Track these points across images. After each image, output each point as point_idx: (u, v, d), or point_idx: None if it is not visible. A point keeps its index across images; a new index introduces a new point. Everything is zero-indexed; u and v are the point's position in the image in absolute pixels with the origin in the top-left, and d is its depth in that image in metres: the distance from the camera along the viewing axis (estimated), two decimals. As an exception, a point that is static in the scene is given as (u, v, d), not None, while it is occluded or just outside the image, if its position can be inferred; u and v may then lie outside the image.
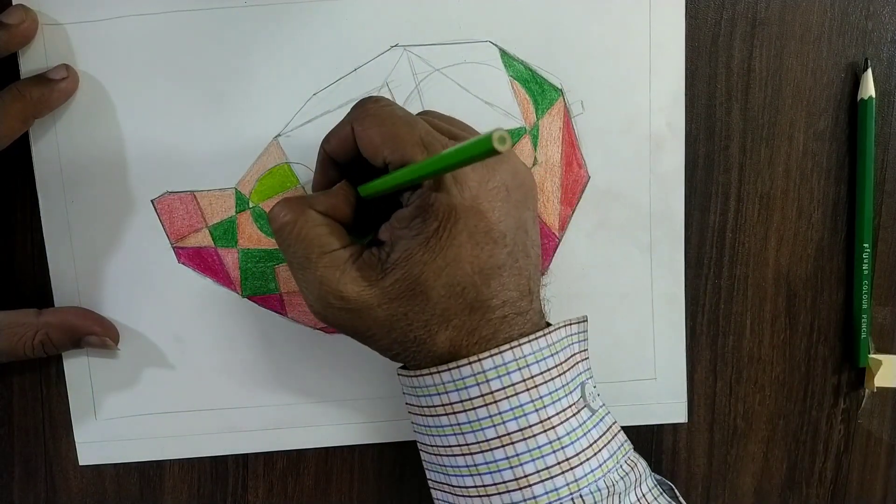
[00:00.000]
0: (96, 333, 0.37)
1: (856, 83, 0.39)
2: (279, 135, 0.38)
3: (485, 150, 0.23)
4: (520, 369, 0.30)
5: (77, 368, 0.39)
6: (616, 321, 0.40)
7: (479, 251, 0.30)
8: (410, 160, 0.29)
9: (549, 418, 0.30)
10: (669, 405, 0.40)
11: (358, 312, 0.30)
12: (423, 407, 0.32)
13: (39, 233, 0.38)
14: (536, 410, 0.30)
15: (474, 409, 0.30)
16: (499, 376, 0.30)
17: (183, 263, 0.39)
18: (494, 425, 0.30)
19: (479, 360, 0.29)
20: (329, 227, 0.31)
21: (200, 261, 0.39)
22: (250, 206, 0.38)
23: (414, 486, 0.41)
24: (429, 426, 0.32)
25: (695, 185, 0.40)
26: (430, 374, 0.30)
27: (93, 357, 0.39)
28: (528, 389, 0.30)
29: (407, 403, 0.33)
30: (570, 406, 0.31)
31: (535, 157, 0.38)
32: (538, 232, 0.33)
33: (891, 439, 0.41)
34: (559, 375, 0.31)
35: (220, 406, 0.40)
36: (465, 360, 0.30)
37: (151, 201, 0.38)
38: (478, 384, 0.30)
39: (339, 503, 0.41)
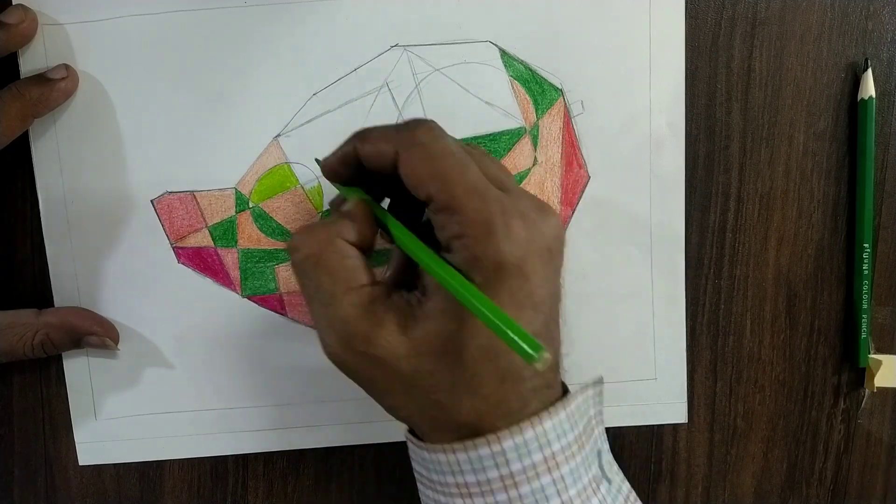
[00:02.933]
0: (96, 333, 0.37)
1: (856, 83, 0.39)
2: (279, 135, 0.38)
3: (522, 352, 0.23)
4: (541, 448, 0.28)
5: (77, 368, 0.39)
6: (616, 321, 0.40)
7: (519, 314, 0.27)
8: (458, 205, 0.27)
9: (570, 500, 0.28)
10: (669, 405, 0.40)
11: (381, 361, 0.27)
12: (434, 482, 0.30)
13: (39, 233, 0.38)
14: (558, 493, 0.28)
15: (492, 491, 0.28)
16: (519, 457, 0.27)
17: (183, 263, 0.39)
18: None
19: (499, 439, 0.27)
20: (359, 259, 0.28)
21: (200, 261, 0.39)
22: (250, 206, 0.38)
23: (414, 487, 0.41)
24: (439, 503, 0.30)
25: (695, 185, 0.40)
26: (444, 451, 0.28)
27: (93, 357, 0.39)
28: (549, 470, 0.28)
29: (415, 471, 0.31)
30: (589, 483, 0.29)
31: (535, 157, 0.38)
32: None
33: (891, 439, 0.41)
34: (579, 450, 0.29)
35: (220, 406, 0.40)
36: (483, 440, 0.27)
37: (151, 201, 0.38)
38: (497, 466, 0.27)
39: (339, 503, 0.41)
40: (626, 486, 0.32)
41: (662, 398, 0.40)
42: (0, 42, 0.35)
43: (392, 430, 0.40)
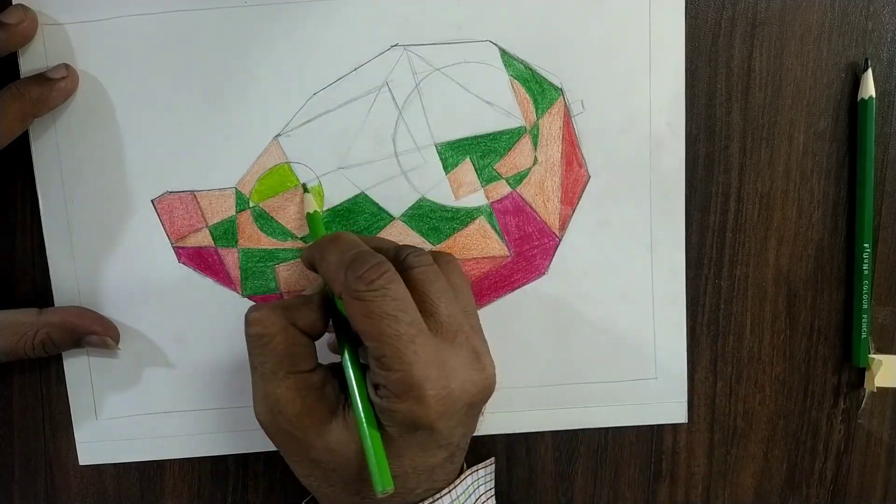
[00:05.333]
0: (97, 333, 0.37)
1: (856, 83, 0.39)
2: (279, 135, 0.38)
3: (374, 483, 0.29)
4: None
5: (77, 368, 0.39)
6: (616, 321, 0.40)
7: (424, 455, 0.31)
8: (386, 365, 0.29)
9: None
10: (669, 405, 0.40)
11: (299, 441, 0.31)
12: None
13: (39, 233, 0.38)
14: None
15: None
16: None
17: (183, 263, 0.39)
18: None
19: None
20: (306, 346, 0.31)
21: (200, 260, 0.39)
22: (250, 205, 0.38)
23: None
24: None
25: (695, 185, 0.40)
26: None
27: (93, 357, 0.39)
28: None
29: None
30: None
31: (535, 157, 0.38)
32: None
33: (891, 439, 0.41)
34: None
35: (220, 406, 0.40)
36: None
37: (151, 201, 0.38)
38: None
39: (339, 503, 0.41)
40: None
41: (662, 398, 0.40)
42: (0, 42, 0.35)
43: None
